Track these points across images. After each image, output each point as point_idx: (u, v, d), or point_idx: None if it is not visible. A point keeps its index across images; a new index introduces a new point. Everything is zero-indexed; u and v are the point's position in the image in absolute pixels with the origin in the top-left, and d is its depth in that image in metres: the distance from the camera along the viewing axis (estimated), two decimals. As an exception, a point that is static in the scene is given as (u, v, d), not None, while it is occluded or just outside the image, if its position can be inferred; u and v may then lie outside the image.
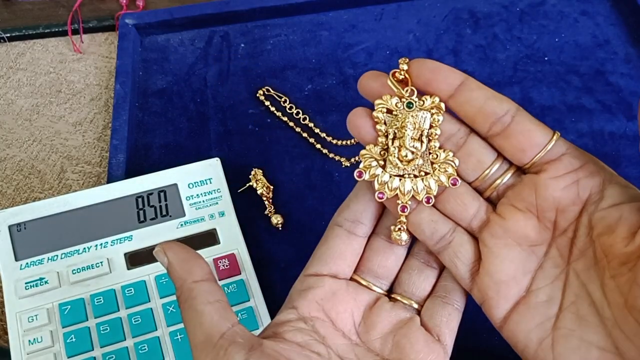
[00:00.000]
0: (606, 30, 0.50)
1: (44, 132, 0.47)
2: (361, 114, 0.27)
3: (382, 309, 0.27)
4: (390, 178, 0.26)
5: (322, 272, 0.27)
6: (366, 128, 0.26)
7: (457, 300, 0.27)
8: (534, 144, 0.25)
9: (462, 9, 0.51)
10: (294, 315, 0.26)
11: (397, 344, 0.26)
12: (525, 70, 0.48)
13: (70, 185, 0.44)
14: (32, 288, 0.34)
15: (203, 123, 0.45)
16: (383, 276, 0.28)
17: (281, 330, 0.25)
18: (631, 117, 0.45)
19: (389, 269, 0.28)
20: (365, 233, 0.28)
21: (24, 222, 0.36)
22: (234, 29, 0.51)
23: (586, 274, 0.24)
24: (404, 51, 0.49)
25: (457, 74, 0.26)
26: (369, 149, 0.26)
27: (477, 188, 0.27)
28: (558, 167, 0.25)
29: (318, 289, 0.26)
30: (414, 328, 0.26)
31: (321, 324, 0.26)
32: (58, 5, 0.54)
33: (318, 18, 0.51)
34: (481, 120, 0.26)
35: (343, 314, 0.26)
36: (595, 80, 0.47)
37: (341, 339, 0.26)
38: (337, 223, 0.28)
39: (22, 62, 0.51)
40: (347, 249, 0.27)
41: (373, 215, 0.28)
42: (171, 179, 0.38)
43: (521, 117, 0.25)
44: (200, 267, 0.25)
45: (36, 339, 0.33)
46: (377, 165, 0.26)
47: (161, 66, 0.49)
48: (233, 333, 0.23)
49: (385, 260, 0.28)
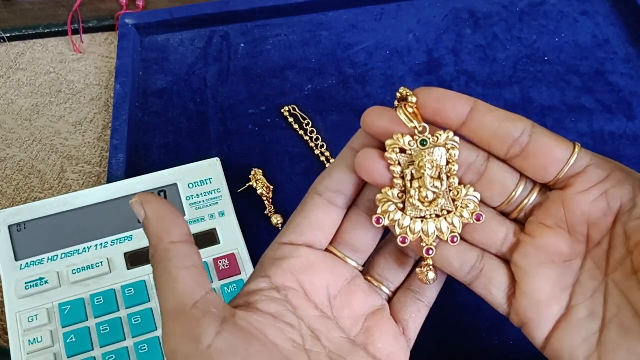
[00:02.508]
0: (606, 30, 0.50)
1: (44, 132, 0.47)
2: (372, 156, 0.25)
3: (359, 289, 0.27)
4: (412, 221, 0.25)
5: (298, 241, 0.26)
6: (379, 171, 0.25)
7: (428, 298, 0.27)
8: (556, 161, 0.24)
9: (462, 9, 0.51)
10: (267, 284, 0.25)
11: (367, 330, 0.26)
12: (525, 70, 0.48)
13: (70, 185, 0.44)
14: (32, 288, 0.34)
15: (203, 123, 0.45)
16: (360, 250, 0.27)
17: (254, 300, 0.24)
18: (631, 117, 0.45)
19: (367, 243, 0.27)
20: (345, 204, 0.27)
21: (24, 222, 0.36)
22: (234, 29, 0.51)
23: (626, 283, 0.24)
24: (404, 51, 0.49)
25: (465, 100, 0.25)
26: (385, 193, 0.25)
27: (503, 211, 0.26)
28: (584, 180, 0.24)
29: (294, 259, 0.25)
30: (385, 317, 0.26)
31: (294, 295, 0.25)
32: (58, 5, 0.54)
33: (318, 18, 0.51)
34: (498, 144, 0.25)
35: (318, 286, 0.26)
36: (595, 80, 0.47)
37: (313, 311, 0.25)
38: (317, 192, 0.26)
39: (22, 62, 0.51)
40: (326, 219, 0.26)
41: (354, 186, 0.26)
42: (171, 179, 0.38)
43: (538, 134, 0.24)
44: (179, 226, 0.24)
45: (36, 338, 0.33)
46: (396, 209, 0.25)
47: (161, 66, 0.49)
48: (207, 302, 0.22)
49: (365, 234, 0.27)
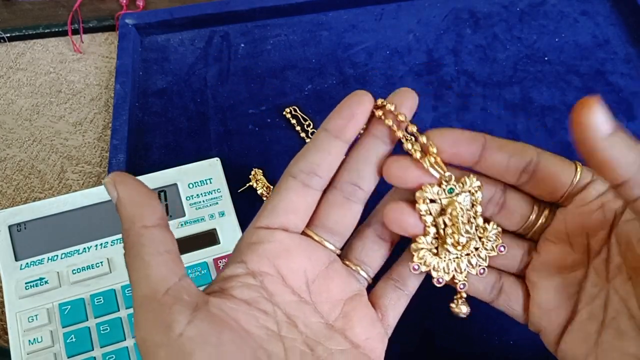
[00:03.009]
0: (606, 30, 0.50)
1: (44, 132, 0.47)
2: (402, 210, 0.26)
3: (337, 273, 0.26)
4: (446, 263, 0.27)
5: (274, 225, 0.26)
6: (412, 223, 0.26)
7: (409, 287, 0.27)
8: (562, 184, 0.26)
9: (462, 9, 0.51)
10: (243, 269, 0.25)
11: (345, 315, 0.26)
12: (525, 70, 0.48)
13: (70, 185, 0.44)
14: (32, 288, 0.34)
15: (203, 123, 0.45)
16: (337, 232, 0.27)
17: (228, 286, 0.24)
18: (631, 117, 0.45)
19: (345, 225, 0.27)
20: (321, 186, 0.26)
21: (24, 222, 0.36)
22: (234, 29, 0.51)
23: (624, 289, 0.25)
24: (404, 51, 0.49)
25: (476, 139, 0.26)
26: (420, 241, 0.26)
27: (519, 232, 0.28)
28: (584, 196, 0.26)
29: (270, 244, 0.25)
30: (363, 302, 0.26)
31: (270, 280, 0.25)
32: (58, 5, 0.54)
33: (318, 18, 0.51)
34: (509, 175, 0.26)
35: (295, 270, 0.25)
36: (595, 80, 0.47)
37: (290, 296, 0.25)
38: (292, 174, 0.26)
39: (22, 62, 0.51)
40: (301, 201, 0.26)
41: (330, 167, 0.26)
42: (171, 179, 0.38)
43: (544, 161, 0.26)
44: (153, 209, 0.23)
45: (36, 338, 0.33)
46: (430, 255, 0.26)
47: (161, 66, 0.49)
48: (179, 288, 0.22)
49: (342, 216, 0.26)
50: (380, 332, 0.26)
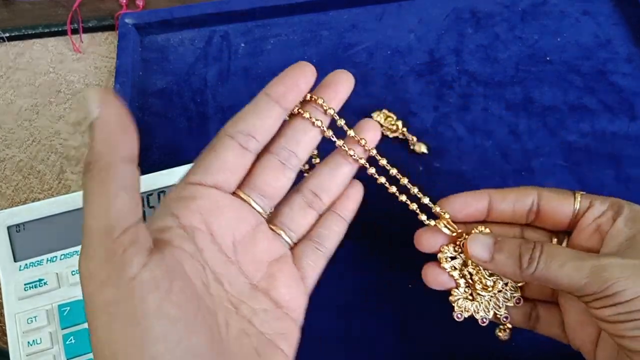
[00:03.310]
0: (608, 30, 0.50)
1: (43, 132, 0.47)
2: (434, 271, 0.30)
3: (263, 235, 0.27)
4: (483, 304, 0.31)
5: (207, 182, 0.26)
6: (445, 278, 0.30)
7: (328, 248, 0.29)
8: (565, 215, 0.29)
9: (463, 8, 0.51)
10: (175, 222, 0.24)
11: (270, 275, 0.26)
12: (527, 70, 0.47)
13: (69, 185, 0.44)
14: (32, 289, 0.34)
15: (203, 123, 0.45)
16: (268, 196, 0.27)
17: (166, 237, 0.23)
18: (633, 118, 0.45)
19: (276, 189, 0.28)
20: (257, 149, 0.27)
21: (23, 223, 0.36)
22: (234, 28, 0.51)
23: None
24: (405, 51, 0.49)
25: (482, 198, 0.30)
26: (456, 293, 0.31)
27: None
28: (582, 222, 0.29)
29: (202, 200, 0.25)
30: (288, 264, 0.27)
31: (201, 236, 0.25)
32: (57, 5, 0.54)
33: (318, 18, 0.51)
34: (518, 218, 0.30)
35: (224, 229, 0.26)
36: (597, 80, 0.47)
37: (218, 254, 0.25)
38: (229, 134, 0.26)
39: (21, 62, 0.51)
40: (237, 162, 0.26)
41: (268, 131, 0.27)
42: (171, 179, 0.38)
43: (545, 199, 0.29)
44: (130, 142, 0.21)
45: (35, 340, 0.33)
46: (467, 301, 0.30)
47: (161, 66, 0.49)
48: (137, 230, 0.21)
49: (275, 179, 0.27)
50: (303, 291, 0.27)
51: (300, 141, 0.28)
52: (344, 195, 0.30)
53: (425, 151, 0.42)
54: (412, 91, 0.46)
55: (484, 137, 0.44)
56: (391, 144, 0.43)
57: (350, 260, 0.39)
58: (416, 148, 0.42)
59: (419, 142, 0.43)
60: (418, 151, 0.42)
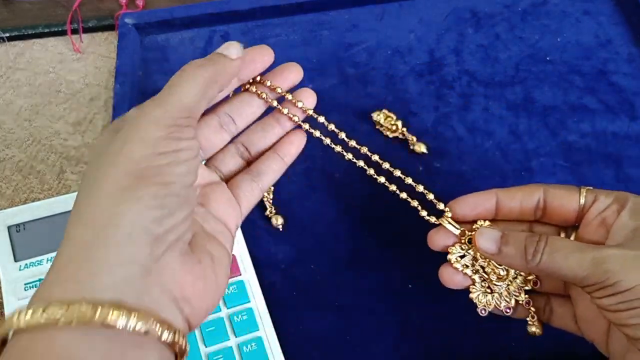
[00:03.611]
0: (608, 29, 0.50)
1: (43, 132, 0.47)
2: (448, 271, 0.32)
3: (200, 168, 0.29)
4: (503, 293, 0.31)
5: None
6: (460, 277, 0.31)
7: (264, 182, 0.31)
8: (572, 210, 0.30)
9: (463, 8, 0.51)
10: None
11: (204, 195, 0.29)
12: (527, 70, 0.47)
13: (69, 185, 0.44)
14: (32, 289, 0.34)
15: (203, 123, 0.45)
16: (205, 148, 0.30)
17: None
18: (634, 118, 0.45)
19: (212, 144, 0.31)
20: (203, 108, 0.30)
21: (23, 223, 0.36)
22: (234, 28, 0.51)
23: None
24: (406, 51, 0.49)
25: (489, 197, 0.31)
26: (473, 289, 0.31)
27: None
28: (588, 216, 0.30)
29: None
30: (221, 186, 0.30)
31: None
32: (57, 5, 0.54)
33: (319, 17, 0.51)
34: (527, 215, 0.31)
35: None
36: (598, 80, 0.47)
37: None
38: None
39: (21, 62, 0.51)
40: None
41: (219, 97, 0.30)
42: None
43: (551, 196, 0.30)
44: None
45: (35, 340, 0.33)
46: (487, 294, 0.31)
47: (161, 66, 0.49)
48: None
49: (212, 135, 0.30)
50: (237, 211, 0.30)
51: (242, 111, 0.31)
52: (288, 141, 0.32)
53: (425, 151, 0.42)
54: (412, 91, 0.46)
55: (484, 137, 0.44)
56: (391, 144, 0.43)
57: (350, 260, 0.39)
58: (416, 148, 0.42)
59: (419, 142, 0.43)
60: (418, 151, 0.42)
